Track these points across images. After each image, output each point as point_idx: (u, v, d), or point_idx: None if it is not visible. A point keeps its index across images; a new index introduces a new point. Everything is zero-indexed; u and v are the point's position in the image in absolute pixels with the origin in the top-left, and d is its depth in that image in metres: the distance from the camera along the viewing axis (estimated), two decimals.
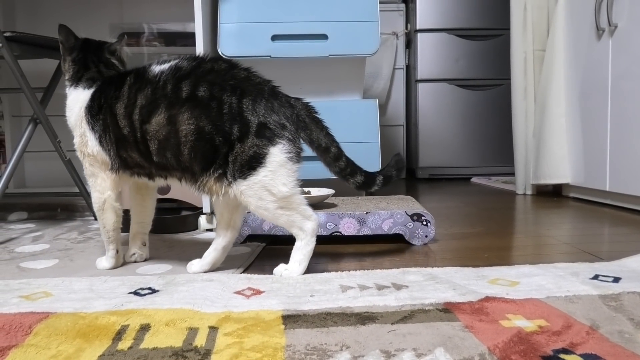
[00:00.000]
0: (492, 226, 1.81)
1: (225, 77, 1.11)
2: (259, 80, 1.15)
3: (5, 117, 2.45)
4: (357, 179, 1.19)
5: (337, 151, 1.17)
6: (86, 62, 1.25)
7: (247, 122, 1.08)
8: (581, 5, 2.25)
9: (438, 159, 3.58)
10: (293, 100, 1.15)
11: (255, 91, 1.10)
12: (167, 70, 1.14)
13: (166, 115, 1.10)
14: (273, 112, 1.09)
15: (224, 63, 1.16)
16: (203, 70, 1.12)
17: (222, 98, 1.09)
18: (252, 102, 1.09)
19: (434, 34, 3.52)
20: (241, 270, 1.25)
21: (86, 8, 2.44)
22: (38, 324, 0.88)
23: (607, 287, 1.04)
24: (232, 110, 1.08)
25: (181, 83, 1.11)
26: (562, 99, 2.40)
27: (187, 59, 1.16)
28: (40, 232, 1.75)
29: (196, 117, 1.09)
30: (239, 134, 1.08)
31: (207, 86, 1.10)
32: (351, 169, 1.19)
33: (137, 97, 1.14)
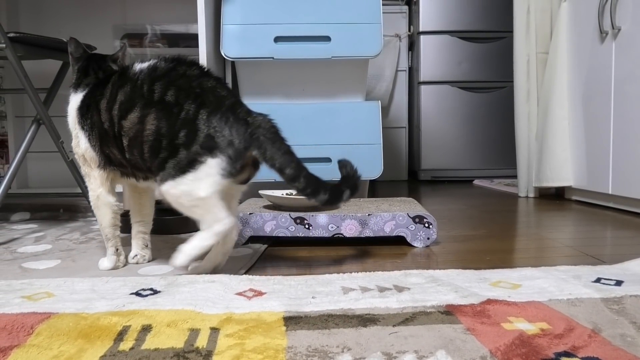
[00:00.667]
0: (494, 229, 1.81)
1: (192, 83, 1.12)
2: (224, 93, 1.14)
3: (9, 117, 2.46)
4: (321, 198, 1.13)
5: (293, 172, 1.11)
6: (87, 70, 1.29)
7: (197, 131, 1.08)
8: (584, 8, 2.25)
9: (440, 161, 3.57)
10: (252, 118, 1.12)
11: (215, 103, 1.10)
12: (145, 69, 1.17)
13: (138, 114, 1.13)
14: (225, 127, 1.08)
15: (197, 69, 1.17)
16: (176, 74, 1.14)
17: (183, 105, 1.10)
18: (208, 114, 1.09)
19: (436, 36, 3.52)
20: (243, 271, 1.25)
21: (89, 9, 2.44)
22: (40, 324, 0.88)
23: (609, 291, 1.04)
24: (187, 117, 1.09)
25: (154, 84, 1.13)
26: (565, 101, 2.39)
27: (165, 60, 1.18)
28: (42, 233, 1.76)
29: (159, 119, 1.11)
30: (186, 139, 1.09)
31: (175, 91, 1.12)
32: (312, 188, 1.12)
33: (118, 94, 1.17)
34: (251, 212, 1.54)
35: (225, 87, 1.16)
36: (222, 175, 1.09)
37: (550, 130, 2.42)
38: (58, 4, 2.44)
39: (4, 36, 1.58)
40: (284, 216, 1.52)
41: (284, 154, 1.11)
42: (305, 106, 2.10)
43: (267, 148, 1.10)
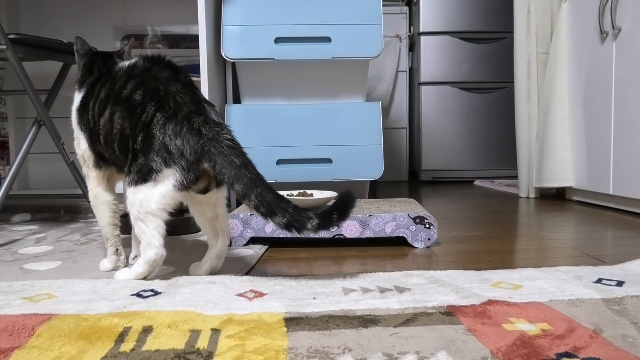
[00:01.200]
0: (494, 229, 1.81)
1: (159, 86, 1.11)
2: (185, 99, 1.09)
3: (9, 118, 2.46)
4: (278, 220, 1.05)
5: (243, 189, 1.05)
6: (92, 68, 1.28)
7: (152, 137, 1.07)
8: (585, 9, 2.25)
9: (441, 161, 3.57)
10: (208, 128, 1.07)
11: (173, 109, 1.08)
12: (125, 67, 1.17)
13: (110, 111, 1.13)
14: (178, 136, 1.06)
15: (169, 71, 1.14)
16: (148, 75, 1.13)
17: (146, 107, 1.09)
18: (164, 119, 1.07)
19: (437, 37, 3.52)
20: (243, 272, 1.25)
21: (90, 10, 2.45)
22: (41, 325, 0.88)
23: (610, 291, 1.04)
24: (145, 120, 1.08)
25: (128, 83, 1.13)
26: (566, 102, 2.39)
27: (145, 59, 1.17)
28: (43, 234, 1.76)
29: (123, 118, 1.11)
30: (142, 145, 1.08)
31: (143, 91, 1.11)
32: (268, 208, 1.04)
33: (101, 91, 1.18)
34: (252, 214, 1.54)
35: (190, 93, 1.11)
36: (175, 187, 1.07)
37: (550, 130, 2.42)
38: (59, 5, 2.44)
39: (5, 37, 1.58)
40: None
41: (235, 168, 1.05)
42: (306, 107, 2.10)
43: (217, 161, 1.05)
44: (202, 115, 1.08)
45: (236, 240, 1.54)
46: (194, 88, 1.15)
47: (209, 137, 1.06)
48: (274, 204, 1.05)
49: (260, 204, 1.05)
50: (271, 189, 1.06)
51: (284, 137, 2.07)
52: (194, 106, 1.09)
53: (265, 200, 1.04)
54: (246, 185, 1.05)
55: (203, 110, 1.10)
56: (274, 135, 2.07)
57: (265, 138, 2.07)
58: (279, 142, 2.07)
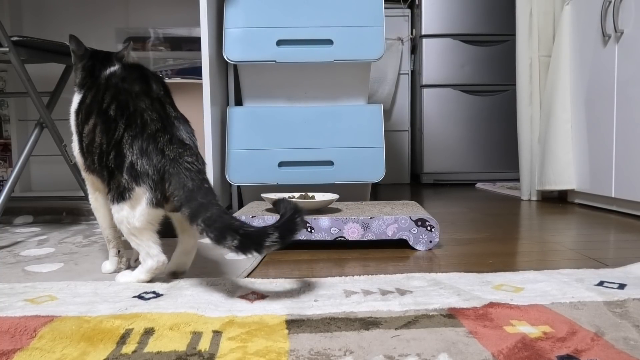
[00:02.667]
0: (496, 232, 1.81)
1: (129, 101, 1.10)
2: (153, 116, 1.09)
3: (12, 121, 2.46)
4: (229, 244, 0.97)
5: (190, 213, 1.01)
6: (94, 71, 1.27)
7: (123, 156, 1.07)
8: (587, 11, 2.25)
9: (443, 164, 3.57)
10: (171, 149, 1.06)
11: (140, 127, 1.07)
12: (107, 75, 1.18)
13: (93, 121, 1.13)
14: (144, 155, 1.05)
15: (141, 83, 1.14)
16: (122, 87, 1.13)
17: (118, 124, 1.09)
18: (131, 138, 1.07)
19: (439, 40, 3.52)
20: (245, 274, 1.25)
21: (92, 13, 2.45)
22: (43, 327, 0.88)
23: (612, 294, 1.03)
24: (117, 138, 1.08)
25: (105, 94, 1.13)
26: (568, 105, 2.39)
27: (123, 67, 1.18)
28: (45, 236, 1.76)
29: (102, 132, 1.11)
30: (115, 162, 1.08)
31: (115, 106, 1.11)
32: (217, 233, 0.97)
33: (87, 96, 1.18)
34: (253, 216, 1.54)
35: (159, 110, 1.10)
36: (149, 204, 1.07)
37: (552, 133, 2.42)
38: (61, 8, 2.45)
39: (7, 40, 1.59)
40: None
41: (186, 191, 1.02)
42: (308, 109, 2.10)
43: (171, 182, 1.04)
44: (168, 134, 1.07)
45: None
46: (164, 103, 1.13)
47: (170, 158, 1.05)
48: (223, 227, 0.97)
49: (207, 229, 0.98)
50: (224, 214, 1.00)
51: (286, 139, 2.08)
52: (161, 124, 1.08)
53: (213, 225, 0.98)
54: (194, 209, 1.00)
55: (170, 128, 1.09)
56: (276, 138, 2.07)
57: (267, 140, 2.07)
58: (281, 144, 2.07)
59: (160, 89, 1.16)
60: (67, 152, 1.88)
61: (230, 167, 2.05)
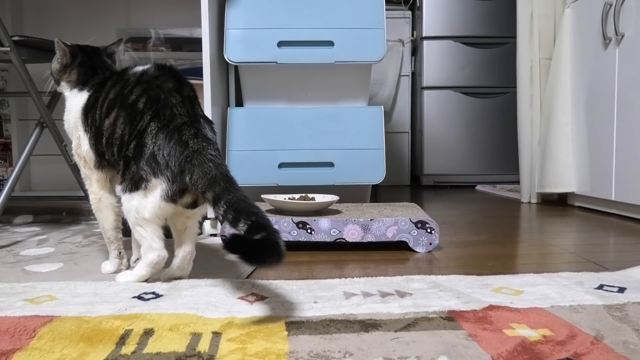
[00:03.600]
0: (496, 234, 1.81)
1: (161, 95, 1.11)
2: (182, 111, 1.09)
3: (12, 120, 2.46)
4: (240, 227, 0.96)
5: (214, 195, 1.01)
6: (94, 68, 1.28)
7: (143, 146, 1.07)
8: (588, 14, 2.25)
9: (443, 166, 3.57)
10: (195, 141, 1.06)
11: (167, 120, 1.08)
12: (137, 73, 1.17)
13: (115, 114, 1.13)
14: (167, 146, 1.06)
15: (175, 82, 1.14)
16: (155, 83, 1.13)
17: (144, 115, 1.09)
18: (157, 129, 1.07)
19: (440, 42, 3.53)
20: (245, 276, 1.25)
21: (93, 13, 2.45)
22: (42, 327, 0.88)
23: (612, 297, 1.03)
24: (141, 128, 1.09)
25: (135, 88, 1.13)
26: (568, 107, 2.39)
27: (157, 67, 1.18)
28: (45, 236, 1.76)
29: (125, 124, 1.11)
30: (134, 152, 1.08)
31: (146, 99, 1.11)
32: (235, 215, 0.98)
33: (110, 91, 1.18)
34: None
35: (188, 107, 1.11)
36: (162, 197, 1.07)
37: (553, 136, 2.42)
38: (62, 8, 2.45)
39: (9, 39, 1.59)
40: (287, 220, 1.52)
41: (210, 178, 1.03)
42: (308, 111, 2.10)
43: (194, 172, 1.04)
44: (194, 128, 1.08)
45: None
46: (194, 102, 1.14)
47: (193, 150, 1.05)
48: (241, 210, 0.98)
49: (228, 210, 0.98)
50: (246, 198, 1.01)
51: (286, 140, 2.07)
52: (188, 119, 1.09)
53: (233, 206, 0.98)
54: (217, 192, 1.01)
55: (197, 124, 1.09)
56: (276, 139, 2.07)
57: (267, 141, 2.07)
58: (281, 145, 2.07)
59: (190, 91, 1.16)
60: (67, 152, 1.87)
61: (230, 168, 2.05)
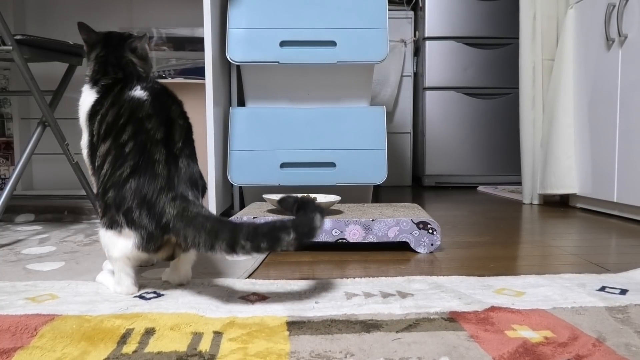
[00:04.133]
0: (498, 235, 1.81)
1: (146, 146, 1.04)
2: (164, 172, 1.03)
3: (14, 119, 2.47)
4: (285, 239, 0.95)
5: (226, 244, 0.95)
6: (106, 66, 1.22)
7: (123, 199, 1.02)
8: (591, 16, 2.25)
9: (445, 167, 3.57)
10: (173, 205, 1.00)
11: (147, 180, 1.01)
12: (134, 101, 1.10)
13: (107, 146, 1.08)
14: (144, 207, 1.00)
15: (166, 129, 1.07)
16: (145, 128, 1.06)
17: (126, 162, 1.04)
18: (135, 186, 1.01)
19: (442, 42, 3.52)
20: (246, 275, 1.25)
21: (96, 12, 2.45)
22: (44, 326, 0.88)
23: (614, 299, 1.03)
24: (120, 178, 1.03)
25: (127, 126, 1.07)
26: (571, 109, 2.39)
27: (154, 97, 1.11)
28: (46, 235, 1.76)
29: (112, 165, 1.06)
30: (114, 201, 1.03)
31: (132, 145, 1.04)
32: (266, 239, 0.94)
33: (109, 112, 1.12)
34: (255, 217, 1.54)
35: (171, 166, 1.04)
36: (135, 247, 1.02)
37: (555, 137, 2.42)
38: (65, 7, 2.45)
39: (11, 38, 1.59)
40: None
41: (208, 231, 0.96)
42: (310, 111, 2.10)
43: (186, 235, 0.98)
44: (172, 191, 1.01)
45: None
46: (178, 159, 1.06)
47: (173, 214, 0.99)
48: (272, 231, 0.94)
49: (253, 242, 0.94)
50: (254, 224, 0.95)
51: (288, 140, 2.08)
52: (166, 182, 1.02)
53: (259, 235, 0.94)
54: (228, 239, 0.94)
55: (173, 188, 1.02)
56: (278, 139, 2.07)
57: (269, 141, 2.07)
58: (283, 145, 2.07)
59: (182, 134, 1.09)
60: (69, 151, 1.88)
61: (232, 168, 2.05)
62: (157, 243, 1.02)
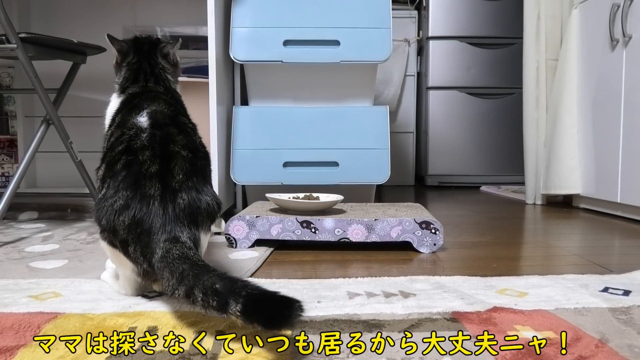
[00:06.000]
0: (501, 236, 1.80)
1: (140, 181, 1.00)
2: (157, 210, 0.98)
3: (18, 117, 2.47)
4: (232, 309, 0.79)
5: (185, 290, 0.86)
6: (138, 73, 1.20)
7: (116, 232, 0.98)
8: (595, 16, 2.24)
9: (448, 166, 3.57)
10: (162, 246, 0.95)
11: (139, 215, 0.97)
12: (134, 129, 1.06)
13: (103, 172, 1.06)
14: (138, 244, 0.97)
15: (160, 162, 1.02)
16: (138, 161, 1.01)
17: (119, 192, 1.00)
18: (128, 220, 0.97)
19: (446, 42, 3.52)
20: (249, 274, 1.25)
21: (100, 10, 2.46)
22: (47, 324, 0.89)
23: (617, 300, 1.03)
24: (114, 208, 0.99)
25: (122, 156, 1.03)
26: (574, 109, 2.38)
27: (152, 126, 1.06)
28: (50, 232, 1.76)
29: (108, 188, 1.02)
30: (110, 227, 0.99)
31: (125, 175, 1.00)
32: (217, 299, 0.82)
33: (113, 134, 1.09)
34: (258, 215, 1.54)
35: (167, 201, 0.99)
36: (136, 274, 1.01)
37: (558, 137, 2.41)
38: (69, 5, 2.46)
39: (15, 36, 1.59)
40: (291, 220, 1.52)
41: (177, 277, 0.88)
42: (313, 110, 2.10)
43: (163, 276, 0.91)
44: (164, 233, 0.96)
45: (242, 242, 1.54)
46: (177, 194, 1.01)
47: (159, 256, 0.94)
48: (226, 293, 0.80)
49: (205, 300, 0.82)
50: (222, 276, 0.84)
51: (291, 139, 2.07)
52: (161, 222, 0.97)
53: (211, 292, 0.82)
54: (189, 283, 0.85)
55: (170, 227, 0.97)
56: (281, 138, 2.07)
57: (272, 140, 2.07)
58: (286, 144, 2.07)
59: (183, 166, 1.04)
60: (72, 149, 1.88)
61: (235, 167, 2.05)
62: (152, 277, 1.00)
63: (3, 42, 1.59)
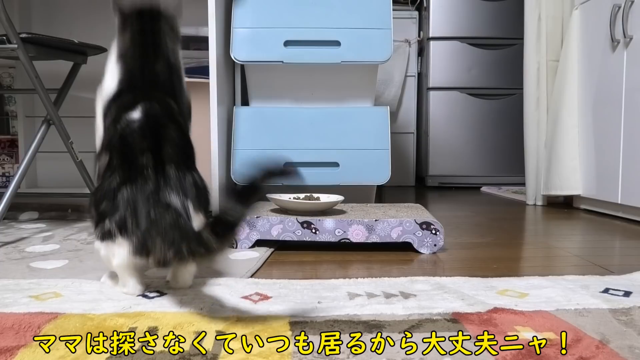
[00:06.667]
0: (501, 236, 1.80)
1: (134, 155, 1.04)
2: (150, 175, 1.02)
3: (19, 117, 2.47)
4: None
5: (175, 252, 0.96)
6: (143, 37, 1.24)
7: (117, 208, 1.01)
8: (596, 17, 2.24)
9: (448, 167, 3.57)
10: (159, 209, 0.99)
11: (138, 185, 1.01)
12: (125, 124, 1.07)
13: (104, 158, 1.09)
14: (135, 216, 0.99)
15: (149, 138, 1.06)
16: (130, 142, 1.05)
17: (114, 174, 1.04)
18: (127, 193, 1.01)
19: (446, 42, 3.52)
20: (249, 275, 1.25)
21: (101, 10, 2.45)
22: (47, 324, 0.89)
23: (617, 301, 1.03)
24: (110, 187, 1.03)
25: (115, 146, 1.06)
26: (575, 110, 2.38)
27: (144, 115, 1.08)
28: (50, 232, 1.76)
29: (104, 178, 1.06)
30: (110, 210, 1.02)
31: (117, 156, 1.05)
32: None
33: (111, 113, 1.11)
34: (258, 216, 1.54)
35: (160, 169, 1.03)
36: (130, 253, 1.01)
37: (559, 138, 2.41)
38: (70, 6, 2.46)
39: (16, 36, 1.59)
40: (291, 220, 1.52)
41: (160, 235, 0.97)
42: (314, 110, 2.10)
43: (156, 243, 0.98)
44: (162, 194, 1.01)
45: (242, 243, 1.54)
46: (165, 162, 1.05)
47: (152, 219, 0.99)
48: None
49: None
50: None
51: (292, 140, 2.07)
52: (154, 187, 1.02)
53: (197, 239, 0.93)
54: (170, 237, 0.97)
55: (164, 193, 1.02)
56: (282, 138, 2.07)
57: (272, 141, 2.07)
58: (287, 145, 2.07)
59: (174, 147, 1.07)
60: (73, 149, 1.88)
61: (235, 167, 2.05)
62: (146, 249, 1.00)
63: (4, 42, 1.59)
